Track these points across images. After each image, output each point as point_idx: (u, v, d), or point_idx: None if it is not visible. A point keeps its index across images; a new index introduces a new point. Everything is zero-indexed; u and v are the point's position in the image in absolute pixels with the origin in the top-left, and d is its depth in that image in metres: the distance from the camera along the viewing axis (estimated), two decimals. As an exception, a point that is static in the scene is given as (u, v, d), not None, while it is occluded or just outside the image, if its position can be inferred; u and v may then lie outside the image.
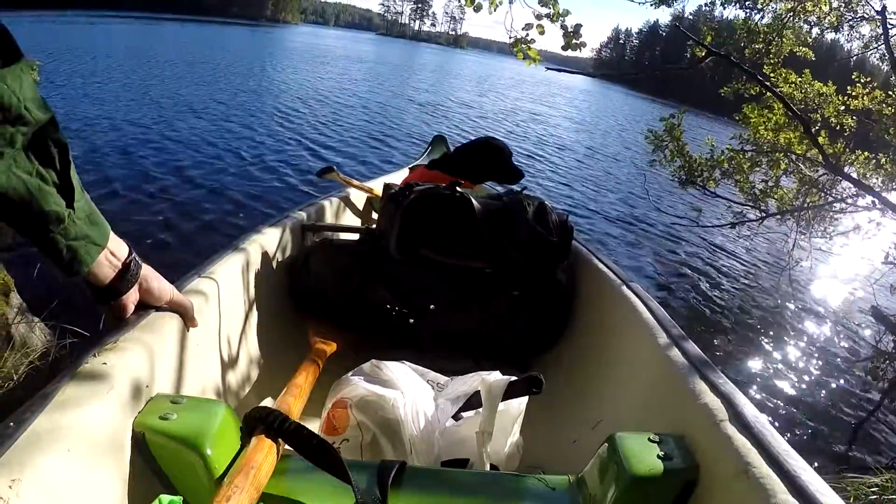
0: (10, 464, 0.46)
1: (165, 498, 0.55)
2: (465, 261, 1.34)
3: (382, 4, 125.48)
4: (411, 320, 1.35)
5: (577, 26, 2.89)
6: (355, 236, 1.54)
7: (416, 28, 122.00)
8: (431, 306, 1.34)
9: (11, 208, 0.52)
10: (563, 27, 2.91)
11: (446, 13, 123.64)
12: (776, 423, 2.77)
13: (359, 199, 2.12)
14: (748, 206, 4.79)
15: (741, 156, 4.66)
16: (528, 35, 2.96)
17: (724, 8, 4.77)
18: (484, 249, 1.33)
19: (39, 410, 0.53)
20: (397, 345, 1.34)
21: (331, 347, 1.20)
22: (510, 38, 3.01)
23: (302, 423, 0.67)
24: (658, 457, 0.67)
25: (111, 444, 0.58)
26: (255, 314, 1.18)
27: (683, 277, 4.79)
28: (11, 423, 0.50)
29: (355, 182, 2.13)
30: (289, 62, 19.50)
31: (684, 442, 0.71)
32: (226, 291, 1.01)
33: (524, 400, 0.91)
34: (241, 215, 4.11)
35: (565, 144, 10.58)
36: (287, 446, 0.68)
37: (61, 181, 0.55)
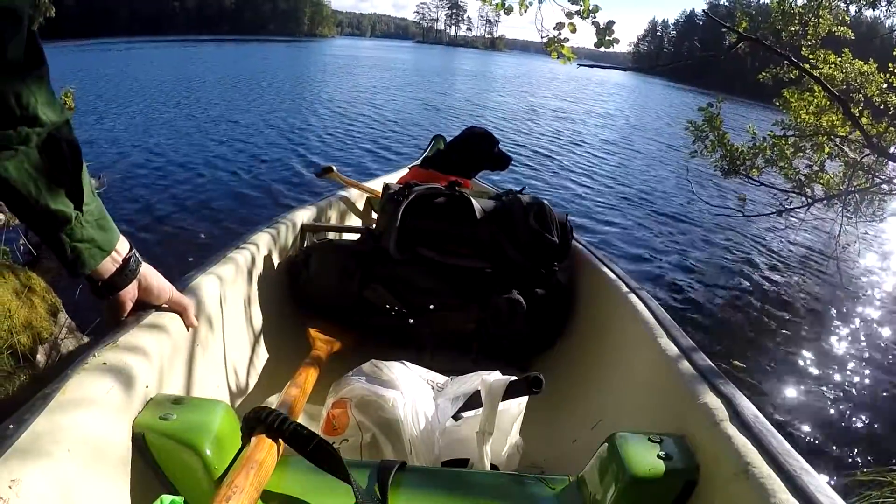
0: (10, 464, 0.46)
1: (167, 498, 0.55)
2: (464, 260, 1.34)
3: (417, 12, 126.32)
4: (411, 320, 1.35)
5: (610, 23, 2.84)
6: (355, 236, 1.54)
7: (453, 33, 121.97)
8: (431, 306, 1.34)
9: (21, 203, 0.54)
10: (595, 24, 2.88)
11: (481, 17, 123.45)
12: (826, 417, 2.65)
13: (358, 199, 2.12)
14: (793, 192, 4.67)
15: (783, 142, 4.52)
16: (560, 34, 2.94)
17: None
18: (483, 249, 1.33)
19: (39, 410, 0.52)
20: (397, 345, 1.34)
21: (331, 347, 1.20)
22: (542, 37, 2.98)
23: (302, 423, 0.67)
24: (658, 457, 0.68)
25: (111, 445, 0.58)
26: (255, 314, 1.18)
27: (730, 268, 4.62)
28: (11, 424, 0.50)
29: (355, 182, 2.13)
30: (326, 74, 19.60)
31: (684, 442, 0.71)
32: (226, 291, 1.01)
33: (524, 400, 0.91)
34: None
35: (604, 139, 10.35)
36: (287, 446, 0.68)
37: (71, 182, 0.57)
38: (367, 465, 0.71)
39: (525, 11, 3.09)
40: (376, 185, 2.14)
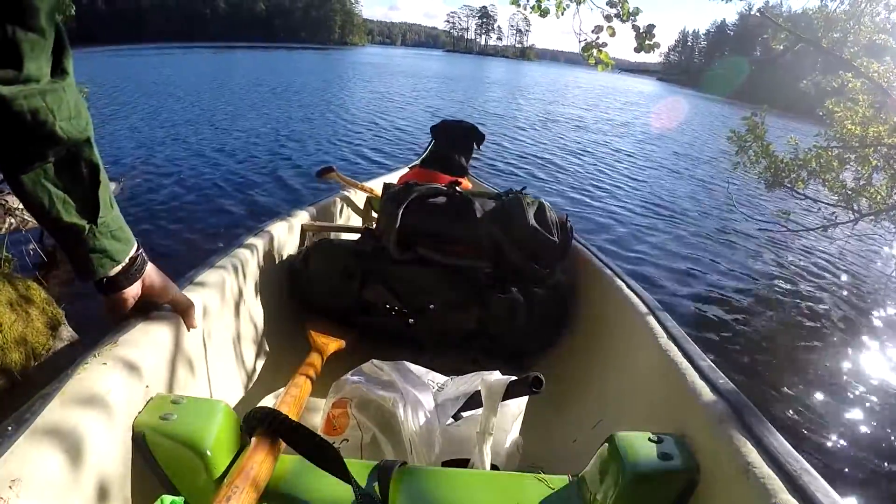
0: (10, 464, 0.46)
1: (167, 498, 0.55)
2: (464, 260, 1.34)
3: (448, 22, 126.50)
4: (411, 320, 1.35)
5: (650, 26, 2.75)
6: (355, 236, 1.54)
7: (483, 43, 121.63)
8: (431, 306, 1.34)
9: (35, 212, 0.56)
10: (635, 27, 2.77)
11: (512, 26, 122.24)
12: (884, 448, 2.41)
13: (358, 199, 2.12)
14: (839, 206, 4.46)
15: (828, 153, 4.33)
16: (598, 38, 2.82)
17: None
18: (483, 249, 1.33)
19: (40, 410, 0.52)
20: (397, 345, 1.34)
21: (331, 347, 1.20)
22: (580, 41, 2.86)
23: (302, 423, 0.67)
24: (658, 457, 0.67)
25: (111, 445, 0.58)
26: (255, 314, 1.18)
27: (775, 285, 4.37)
28: (11, 424, 0.50)
29: (355, 182, 2.13)
30: (355, 81, 19.51)
31: (684, 442, 0.71)
32: (226, 291, 1.01)
33: (524, 400, 0.91)
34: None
35: (635, 151, 9.92)
36: (287, 446, 0.68)
37: (87, 198, 0.58)
38: (367, 465, 0.71)
39: (562, 14, 2.98)
40: (376, 185, 2.14)
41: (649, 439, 0.70)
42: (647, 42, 2.78)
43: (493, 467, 0.84)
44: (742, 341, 3.26)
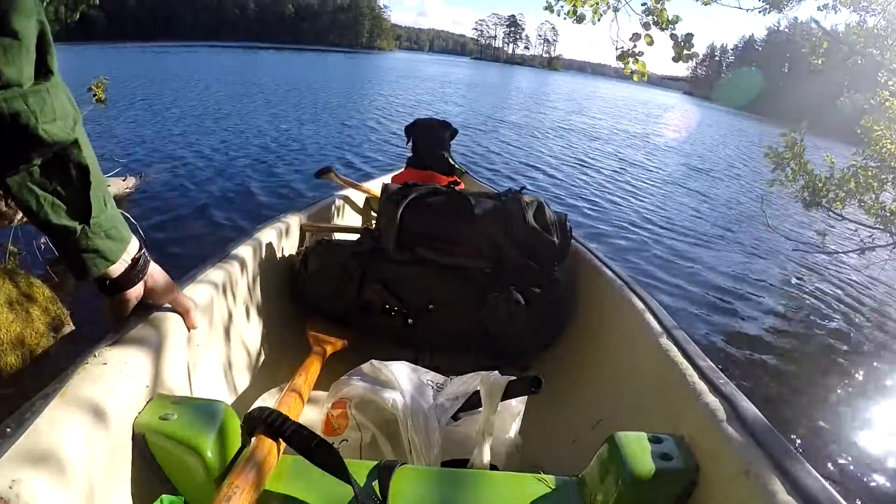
0: (10, 464, 0.46)
1: (167, 498, 0.55)
2: (464, 260, 1.34)
3: (476, 29, 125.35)
4: (410, 320, 1.35)
5: (688, 35, 2.64)
6: (354, 236, 1.54)
7: (510, 52, 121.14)
8: (430, 306, 1.34)
9: (26, 215, 0.55)
10: (673, 36, 2.65)
11: (539, 36, 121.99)
12: None
13: (357, 199, 2.13)
14: (877, 228, 4.29)
15: (867, 172, 4.18)
16: (635, 47, 2.72)
17: (837, 12, 4.31)
18: (483, 249, 1.33)
19: (40, 410, 0.52)
20: (396, 345, 1.34)
21: (330, 348, 1.20)
22: (616, 49, 2.75)
23: (302, 424, 0.67)
24: (658, 457, 0.68)
25: (111, 445, 0.58)
26: (255, 314, 1.18)
27: (812, 309, 4.19)
28: (12, 424, 0.50)
29: (353, 183, 2.13)
30: (381, 85, 19.50)
31: (684, 442, 0.71)
32: (226, 291, 1.01)
33: (524, 399, 0.91)
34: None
35: (667, 166, 9.57)
36: (287, 446, 0.68)
37: (77, 199, 0.57)
38: (367, 465, 0.71)
39: (599, 20, 2.88)
40: (375, 185, 2.15)
41: (649, 439, 0.70)
42: (685, 51, 2.67)
43: (493, 467, 0.84)
44: (773, 367, 3.12)
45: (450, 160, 2.18)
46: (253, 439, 0.66)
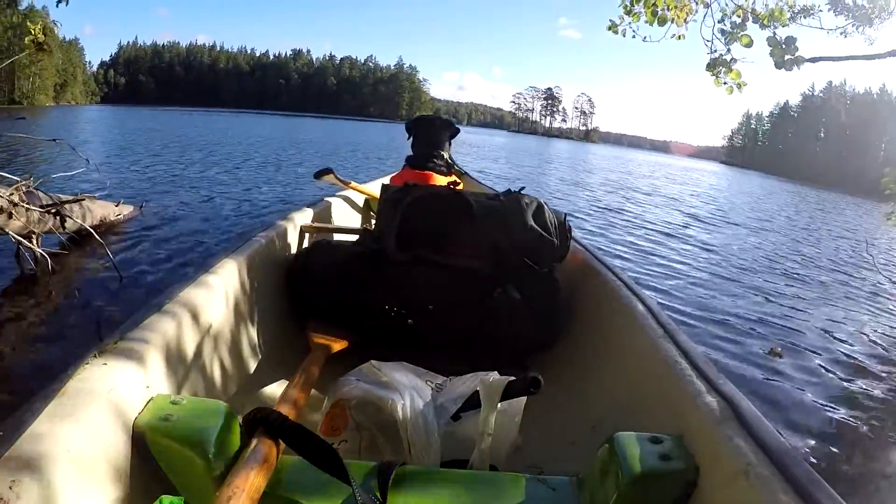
0: (10, 464, 0.46)
1: (167, 498, 0.55)
2: (463, 260, 1.34)
3: (513, 102, 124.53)
4: (410, 321, 1.35)
5: (790, 38, 2.24)
6: (354, 237, 1.54)
7: (547, 124, 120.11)
8: (430, 306, 1.34)
9: None
10: (773, 38, 2.23)
11: (576, 108, 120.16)
12: None
13: (357, 200, 2.13)
14: None
15: None
16: (729, 52, 2.34)
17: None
18: (482, 249, 1.33)
19: (40, 411, 0.52)
20: (396, 345, 1.33)
21: (330, 348, 1.20)
22: (709, 53, 2.40)
23: (301, 424, 0.67)
24: (658, 457, 0.67)
25: (111, 445, 0.58)
26: (255, 315, 1.18)
27: None
28: (12, 424, 0.50)
29: (353, 184, 2.14)
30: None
31: (684, 442, 0.71)
32: (226, 292, 1.01)
33: (523, 400, 0.91)
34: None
35: (727, 234, 7.78)
36: (287, 446, 0.68)
37: None
38: (367, 466, 0.71)
39: (685, 22, 2.50)
40: (374, 186, 2.15)
41: (649, 440, 0.70)
42: (786, 57, 2.22)
43: (493, 467, 0.84)
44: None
45: (448, 160, 2.17)
46: (253, 439, 0.66)
